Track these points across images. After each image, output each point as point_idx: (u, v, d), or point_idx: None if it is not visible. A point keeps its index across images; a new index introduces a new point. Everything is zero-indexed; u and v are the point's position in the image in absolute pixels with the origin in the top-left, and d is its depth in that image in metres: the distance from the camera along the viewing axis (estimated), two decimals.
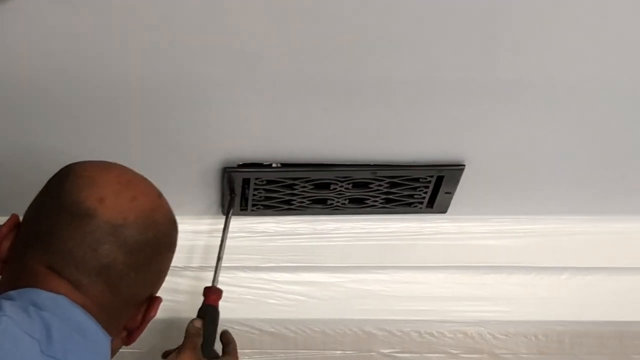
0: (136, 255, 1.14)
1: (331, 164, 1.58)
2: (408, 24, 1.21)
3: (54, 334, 1.03)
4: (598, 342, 1.77)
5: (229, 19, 1.21)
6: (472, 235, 1.73)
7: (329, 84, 1.36)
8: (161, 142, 1.50)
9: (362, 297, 1.74)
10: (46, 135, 1.53)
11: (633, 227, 1.75)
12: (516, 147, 1.57)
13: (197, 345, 1.49)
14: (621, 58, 1.31)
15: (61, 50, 1.27)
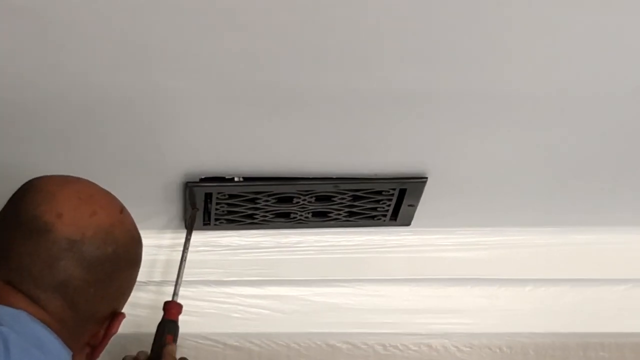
0: (95, 271, 1.12)
1: (294, 177, 1.55)
2: (368, 39, 1.18)
3: (12, 348, 1.01)
4: (562, 353, 1.76)
5: (190, 34, 1.18)
6: (436, 248, 1.70)
7: (290, 99, 1.34)
8: (122, 156, 1.47)
9: (326, 310, 1.71)
10: (9, 148, 1.47)
11: (595, 238, 1.72)
12: (478, 160, 1.55)
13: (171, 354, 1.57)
14: (579, 76, 1.28)
15: (23, 64, 1.22)
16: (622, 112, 1.46)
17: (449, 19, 1.15)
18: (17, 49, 1.18)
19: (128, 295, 1.26)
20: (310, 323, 1.70)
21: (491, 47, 1.21)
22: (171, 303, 1.52)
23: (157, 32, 1.18)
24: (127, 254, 1.19)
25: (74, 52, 1.24)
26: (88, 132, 1.44)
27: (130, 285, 1.24)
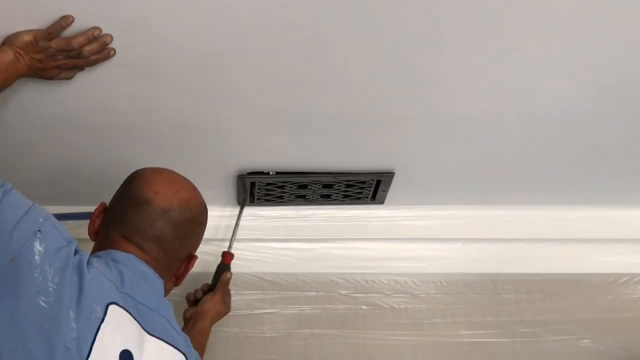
0: (179, 229, 1.43)
1: (307, 172, 1.85)
2: (356, 85, 1.52)
3: (125, 278, 1.35)
4: (480, 285, 2.08)
5: (242, 85, 1.51)
6: (401, 218, 2.02)
7: (304, 121, 1.66)
8: (199, 158, 1.76)
9: (329, 258, 2.04)
10: (122, 148, 1.77)
11: (506, 212, 2.02)
12: (429, 162, 1.85)
13: (226, 289, 1.87)
14: (503, 97, 1.59)
15: (134, 96, 1.54)
16: (526, 131, 1.75)
17: (413, 70, 1.46)
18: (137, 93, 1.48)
19: (199, 245, 1.56)
20: (319, 266, 2.03)
21: (442, 75, 1.50)
22: (227, 252, 1.85)
23: (225, 80, 1.50)
24: (199, 218, 1.50)
25: (176, 91, 1.54)
26: (181, 144, 1.75)
27: (200, 238, 1.55)
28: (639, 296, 2.12)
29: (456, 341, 2.04)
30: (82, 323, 1.25)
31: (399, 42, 1.43)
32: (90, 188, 1.84)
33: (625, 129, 1.77)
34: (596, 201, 2.10)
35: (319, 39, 1.41)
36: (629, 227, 2.09)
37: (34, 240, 1.25)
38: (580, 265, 2.11)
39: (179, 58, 1.45)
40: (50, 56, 1.38)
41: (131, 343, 1.33)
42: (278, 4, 1.29)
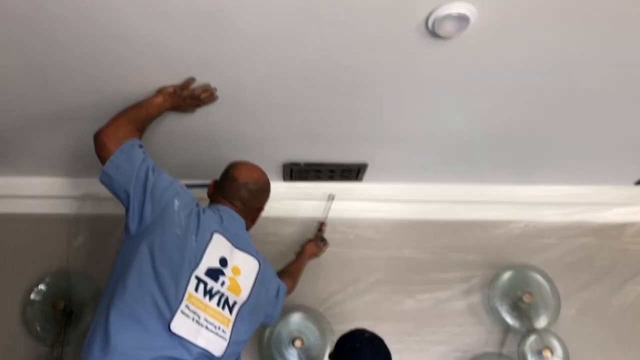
0: (253, 194, 1.80)
1: (321, 163, 2.24)
2: (345, 117, 1.87)
3: (224, 218, 1.71)
4: (415, 225, 2.42)
5: (286, 115, 1.88)
6: (374, 190, 2.40)
7: (314, 136, 2.01)
8: (263, 156, 2.02)
9: (335, 210, 2.38)
10: (219, 151, 2.08)
11: (432, 186, 2.40)
12: (388, 158, 2.22)
13: (320, 241, 2.26)
14: (425, 124, 1.94)
15: (226, 123, 1.90)
16: (441, 144, 2.09)
17: (377, 112, 1.83)
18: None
19: (266, 202, 1.87)
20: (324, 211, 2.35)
21: (400, 102, 1.81)
22: (322, 222, 2.30)
23: (273, 119, 1.88)
24: (264, 188, 1.84)
25: (252, 120, 1.90)
26: (252, 148, 2.06)
27: (267, 199, 1.86)
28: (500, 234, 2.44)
29: (401, 255, 2.40)
30: (199, 242, 1.60)
31: (374, 99, 1.77)
32: (205, 170, 2.14)
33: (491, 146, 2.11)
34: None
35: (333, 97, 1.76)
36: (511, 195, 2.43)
37: (174, 199, 1.59)
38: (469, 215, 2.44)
39: (255, 104, 1.81)
40: (182, 99, 1.70)
41: (226, 253, 1.65)
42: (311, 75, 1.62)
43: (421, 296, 2.34)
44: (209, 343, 1.53)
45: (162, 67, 1.59)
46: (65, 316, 2.19)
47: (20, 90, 1.71)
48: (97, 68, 1.59)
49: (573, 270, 2.38)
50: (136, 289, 1.48)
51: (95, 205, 2.30)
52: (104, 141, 1.55)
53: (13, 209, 2.33)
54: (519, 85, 1.69)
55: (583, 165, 2.27)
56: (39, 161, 2.22)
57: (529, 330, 2.24)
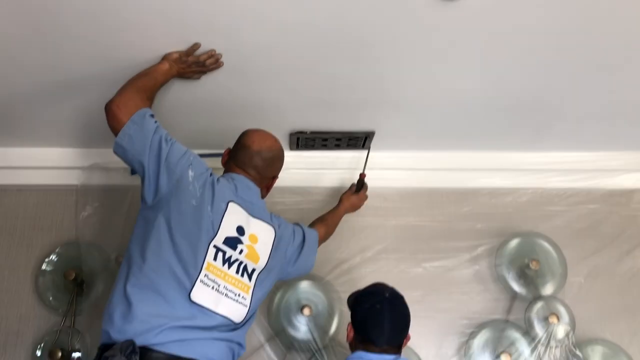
0: (267, 162, 1.80)
1: (327, 131, 2.23)
2: (354, 82, 1.84)
3: (238, 187, 1.72)
4: (421, 192, 2.43)
5: (290, 77, 1.87)
6: (377, 156, 2.34)
7: (326, 104, 2.01)
8: (272, 124, 1.97)
9: (343, 182, 2.39)
10: (228, 120, 2.06)
11: (437, 154, 2.39)
12: (394, 125, 2.21)
13: (361, 193, 2.21)
14: (434, 91, 1.93)
15: (233, 87, 1.87)
16: (450, 109, 2.07)
17: (383, 79, 1.83)
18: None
19: (279, 170, 1.88)
20: (330, 179, 2.41)
21: (405, 66, 1.79)
22: (362, 173, 2.22)
23: (282, 80, 1.85)
24: (278, 156, 1.84)
25: (259, 85, 1.87)
26: (261, 116, 2.04)
27: (280, 167, 1.88)
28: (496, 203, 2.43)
29: (408, 224, 2.40)
30: (215, 212, 1.61)
31: (379, 62, 1.74)
32: (217, 139, 2.13)
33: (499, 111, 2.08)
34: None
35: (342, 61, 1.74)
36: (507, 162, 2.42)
37: (188, 169, 1.59)
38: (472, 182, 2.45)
39: (261, 70, 1.79)
40: (188, 66, 1.70)
41: (242, 221, 1.68)
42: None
43: (428, 264, 2.34)
44: (229, 311, 1.56)
45: (167, 33, 1.60)
46: (76, 286, 2.22)
47: (27, 60, 1.71)
48: (102, 35, 1.60)
49: (580, 237, 2.38)
50: (154, 260, 1.50)
51: (104, 175, 2.31)
52: (115, 112, 1.54)
53: (22, 181, 2.35)
54: (529, 49, 1.68)
55: (592, 131, 2.25)
56: (48, 132, 2.23)
57: (536, 298, 2.25)
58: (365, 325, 1.67)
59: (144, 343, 1.41)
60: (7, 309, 2.25)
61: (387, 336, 1.65)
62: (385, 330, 1.65)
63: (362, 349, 1.66)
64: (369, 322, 1.67)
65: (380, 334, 1.65)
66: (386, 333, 1.65)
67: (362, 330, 1.67)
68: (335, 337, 2.20)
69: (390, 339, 1.66)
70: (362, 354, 1.64)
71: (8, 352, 2.20)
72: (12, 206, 2.37)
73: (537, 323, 2.19)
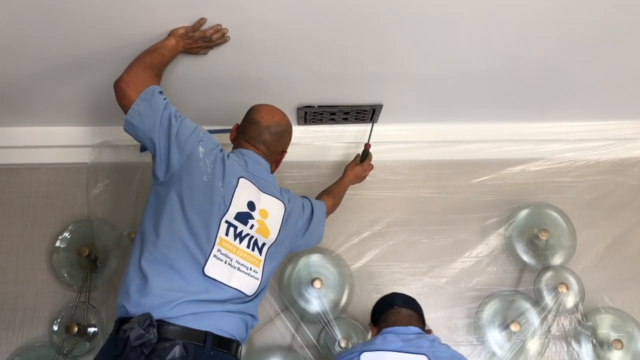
0: (276, 137, 1.81)
1: (335, 105, 2.23)
2: (363, 56, 1.84)
3: (248, 163, 1.73)
4: (429, 165, 2.43)
5: (300, 52, 1.84)
6: (385, 129, 2.37)
7: (334, 77, 2.02)
8: (279, 99, 2.01)
9: (348, 155, 2.38)
10: (236, 95, 2.08)
11: (447, 126, 2.39)
12: (401, 98, 2.21)
13: (366, 163, 2.22)
14: (441, 61, 1.91)
15: (238, 62, 1.87)
16: (453, 82, 2.05)
17: (390, 49, 1.80)
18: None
19: (288, 145, 1.89)
20: (337, 154, 2.41)
21: (403, 57, 1.86)
22: (367, 144, 2.24)
23: (289, 56, 1.86)
24: (287, 130, 1.84)
25: (265, 58, 1.87)
26: (270, 91, 2.06)
27: (289, 142, 1.88)
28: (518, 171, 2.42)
29: (418, 196, 2.41)
30: (226, 188, 1.63)
31: (386, 32, 1.74)
32: (225, 115, 2.17)
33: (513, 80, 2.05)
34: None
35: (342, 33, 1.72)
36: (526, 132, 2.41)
37: (198, 145, 1.60)
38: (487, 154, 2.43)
39: (267, 43, 1.78)
40: (194, 41, 1.70)
41: (253, 196, 1.69)
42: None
43: (438, 236, 2.35)
44: (241, 284, 1.59)
45: (173, 8, 1.60)
46: (90, 262, 2.25)
47: (35, 39, 1.72)
48: (109, 11, 1.60)
49: (590, 207, 2.38)
50: (168, 235, 1.52)
51: (114, 152, 2.33)
52: (124, 89, 1.55)
53: (34, 159, 2.38)
54: (537, 18, 1.66)
55: (601, 100, 2.24)
56: (58, 111, 2.24)
57: (545, 268, 2.26)
58: (381, 304, 1.85)
59: (159, 316, 1.44)
60: (24, 286, 2.30)
61: (401, 300, 1.78)
62: (399, 296, 1.81)
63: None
64: (384, 300, 1.86)
65: (394, 297, 1.82)
66: (400, 297, 1.81)
67: (379, 310, 1.83)
68: (345, 309, 2.23)
69: (405, 302, 1.78)
70: (391, 329, 1.69)
71: (26, 327, 2.26)
72: (25, 185, 2.41)
73: (547, 293, 2.20)
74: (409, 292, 1.93)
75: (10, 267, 2.33)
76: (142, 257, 1.51)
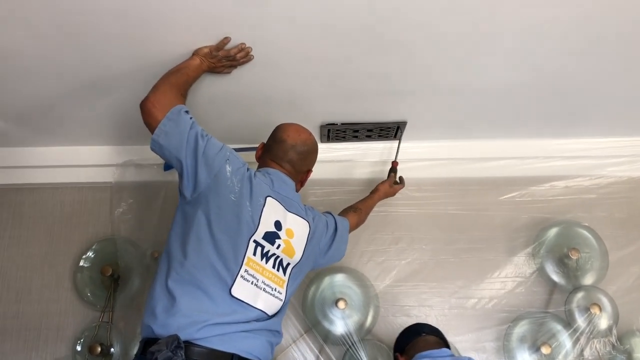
0: (302, 156, 1.80)
1: (358, 122, 2.23)
2: (383, 75, 1.82)
3: (274, 182, 1.73)
4: (452, 182, 2.39)
5: (323, 69, 1.83)
6: (409, 146, 2.37)
7: (355, 94, 2.00)
8: (303, 117, 2.02)
9: (376, 171, 2.38)
10: (260, 114, 2.09)
11: (466, 143, 2.36)
12: (426, 115, 2.19)
13: (394, 181, 2.22)
14: (464, 79, 1.89)
15: (261, 81, 1.87)
16: (476, 100, 2.03)
17: (414, 70, 1.79)
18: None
19: (313, 164, 1.87)
20: (363, 172, 2.39)
21: (429, 74, 1.83)
22: (394, 161, 2.25)
23: (313, 74, 1.84)
24: (312, 149, 1.84)
25: (287, 77, 1.89)
26: (294, 109, 2.08)
27: (314, 160, 1.87)
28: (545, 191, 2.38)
29: (444, 213, 2.38)
30: (254, 207, 1.63)
31: (411, 54, 1.73)
32: (249, 133, 2.20)
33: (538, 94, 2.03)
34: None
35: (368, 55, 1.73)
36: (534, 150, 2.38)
37: (225, 164, 1.60)
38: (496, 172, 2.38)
39: (291, 61, 1.79)
40: (218, 60, 1.71)
41: (280, 216, 1.69)
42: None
43: (465, 255, 2.31)
44: (266, 305, 1.59)
45: (196, 28, 1.59)
46: (113, 281, 2.26)
47: (61, 61, 1.73)
48: (132, 32, 1.60)
49: (622, 225, 2.32)
50: (195, 256, 1.51)
51: (137, 172, 2.34)
52: (150, 109, 1.55)
53: (59, 179, 2.40)
54: (563, 37, 1.64)
55: (630, 114, 2.19)
56: (82, 131, 2.26)
57: (576, 288, 2.21)
58: (407, 333, 1.84)
59: (186, 338, 1.43)
60: (48, 305, 2.31)
61: (428, 328, 1.76)
62: (425, 325, 1.81)
63: None
64: (410, 330, 1.85)
65: (421, 326, 1.80)
66: (426, 326, 1.78)
67: (406, 339, 1.83)
68: (370, 330, 2.19)
69: (432, 330, 1.75)
70: (425, 353, 1.68)
71: (50, 347, 2.26)
72: (50, 204, 2.43)
73: (578, 314, 2.15)
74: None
75: (34, 286, 2.34)
76: (169, 277, 1.51)
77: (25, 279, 2.35)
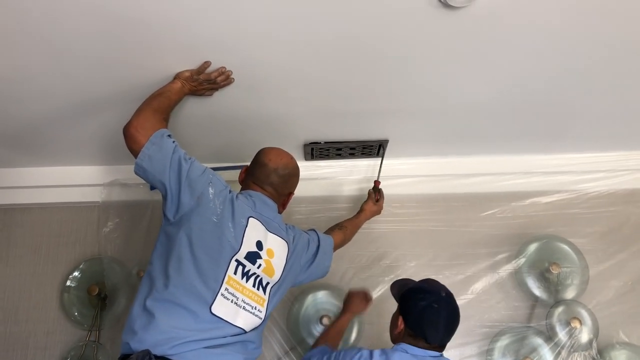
0: (283, 179, 1.82)
1: (341, 141, 2.26)
2: (368, 94, 1.84)
3: (256, 203, 1.74)
4: (435, 199, 2.44)
5: (305, 93, 1.86)
6: (392, 163, 2.39)
7: (339, 114, 2.03)
8: (285, 137, 2.13)
9: (359, 187, 2.41)
10: (240, 135, 2.11)
11: (451, 160, 2.40)
12: (407, 133, 2.22)
13: (377, 200, 2.23)
14: (443, 98, 1.91)
15: (243, 102, 1.88)
16: (457, 117, 2.05)
17: (395, 88, 1.82)
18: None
19: (295, 187, 1.89)
20: (350, 189, 2.42)
21: (409, 94, 1.86)
22: (376, 181, 2.27)
23: (296, 96, 1.87)
24: (293, 173, 1.86)
25: (270, 98, 1.89)
26: (274, 129, 2.10)
27: (296, 183, 1.89)
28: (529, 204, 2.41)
29: (426, 229, 2.40)
30: (236, 228, 1.65)
31: (389, 72, 1.75)
32: (233, 153, 2.20)
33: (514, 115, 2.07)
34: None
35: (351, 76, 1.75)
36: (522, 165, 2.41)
37: (208, 186, 1.62)
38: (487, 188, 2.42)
39: (273, 83, 1.80)
40: (199, 84, 1.73)
41: (261, 236, 1.71)
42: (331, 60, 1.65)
43: (447, 271, 2.33)
44: (246, 322, 1.60)
45: (177, 52, 1.62)
46: (99, 300, 2.27)
47: (46, 82, 1.76)
48: (114, 56, 1.63)
49: (603, 239, 2.35)
50: (176, 275, 1.52)
51: (124, 191, 2.36)
52: (133, 134, 1.56)
53: (46, 199, 2.42)
54: (541, 52, 1.66)
55: (609, 130, 2.23)
56: (69, 152, 2.28)
57: (557, 302, 2.23)
58: (421, 323, 1.67)
59: (161, 353, 1.44)
60: (35, 325, 2.32)
61: (441, 336, 1.67)
62: (440, 330, 1.67)
63: (409, 342, 1.67)
64: (426, 321, 1.67)
65: (435, 334, 1.66)
66: (441, 333, 1.67)
67: (417, 327, 1.68)
68: (355, 346, 2.20)
69: (442, 340, 1.68)
70: (407, 347, 1.65)
71: None
72: (37, 224, 2.45)
73: (559, 328, 2.17)
74: None
75: (22, 306, 2.35)
76: (149, 297, 1.52)
77: (12, 299, 2.36)
